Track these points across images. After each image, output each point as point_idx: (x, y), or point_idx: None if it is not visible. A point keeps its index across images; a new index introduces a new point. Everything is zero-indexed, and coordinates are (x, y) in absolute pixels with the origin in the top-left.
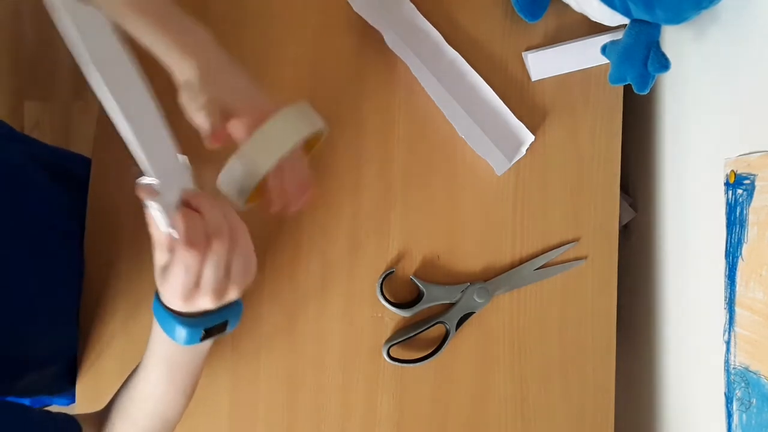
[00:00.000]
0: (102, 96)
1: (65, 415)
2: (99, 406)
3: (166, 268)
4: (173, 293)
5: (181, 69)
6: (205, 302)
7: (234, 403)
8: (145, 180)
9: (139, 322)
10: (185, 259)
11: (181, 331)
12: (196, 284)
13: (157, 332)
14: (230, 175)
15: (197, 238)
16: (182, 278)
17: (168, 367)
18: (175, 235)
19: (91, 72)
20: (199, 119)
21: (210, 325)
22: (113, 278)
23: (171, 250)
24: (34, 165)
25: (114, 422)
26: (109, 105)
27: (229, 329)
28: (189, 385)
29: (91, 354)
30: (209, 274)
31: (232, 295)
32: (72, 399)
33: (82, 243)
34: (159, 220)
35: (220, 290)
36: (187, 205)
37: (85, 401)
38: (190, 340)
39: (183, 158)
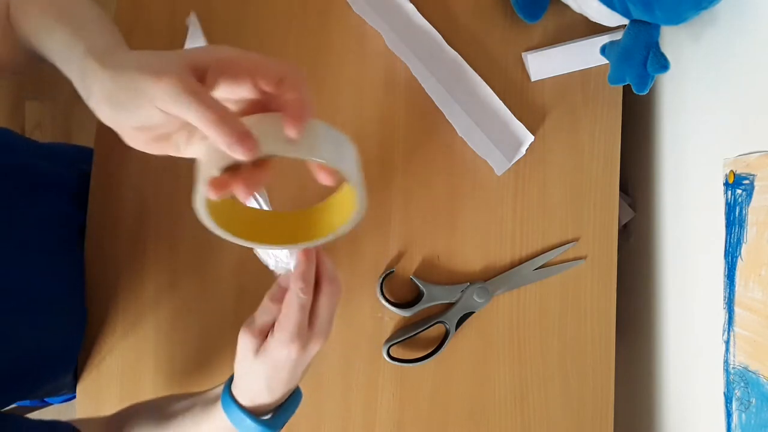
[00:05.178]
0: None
1: (67, 424)
2: (100, 404)
3: (265, 332)
4: (286, 338)
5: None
6: (317, 346)
7: None
8: None
9: (141, 325)
10: (300, 297)
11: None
12: (311, 325)
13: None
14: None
15: (311, 278)
16: (297, 317)
17: None
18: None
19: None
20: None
21: (288, 418)
22: (115, 282)
23: (278, 299)
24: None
25: None
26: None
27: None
28: None
29: (94, 354)
30: (324, 314)
31: (320, 345)
32: (68, 397)
33: (83, 244)
34: (283, 256)
35: (327, 333)
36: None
37: (86, 399)
38: None
39: None
